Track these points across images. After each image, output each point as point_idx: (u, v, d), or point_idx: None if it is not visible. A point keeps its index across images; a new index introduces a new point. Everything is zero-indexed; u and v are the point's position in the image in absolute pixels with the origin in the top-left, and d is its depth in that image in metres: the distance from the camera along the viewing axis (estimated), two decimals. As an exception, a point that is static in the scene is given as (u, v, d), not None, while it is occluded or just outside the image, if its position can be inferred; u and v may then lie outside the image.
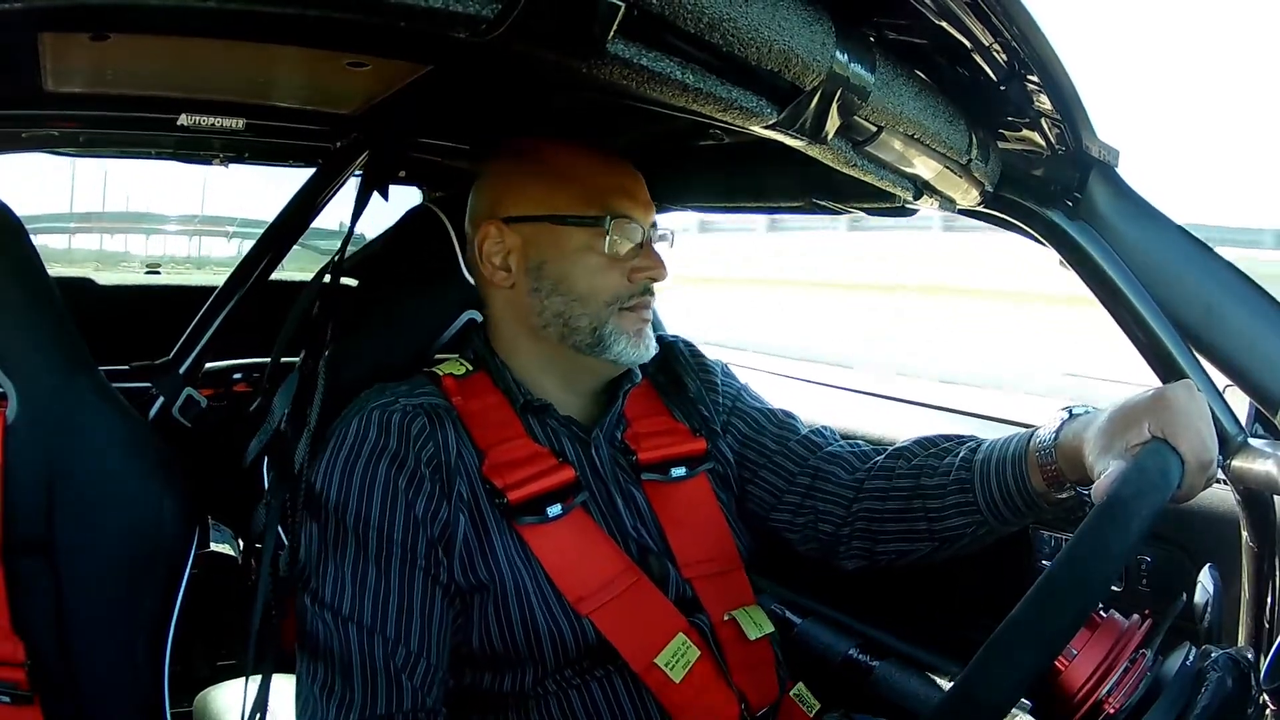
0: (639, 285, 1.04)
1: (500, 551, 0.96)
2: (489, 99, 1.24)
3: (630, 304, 1.03)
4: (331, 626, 0.91)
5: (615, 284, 1.03)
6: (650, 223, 1.06)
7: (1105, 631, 0.77)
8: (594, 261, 1.02)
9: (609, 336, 1.02)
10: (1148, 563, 1.23)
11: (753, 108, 0.76)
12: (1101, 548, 0.69)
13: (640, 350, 1.04)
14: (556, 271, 1.03)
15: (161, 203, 5.28)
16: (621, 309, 1.03)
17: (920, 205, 1.07)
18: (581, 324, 1.03)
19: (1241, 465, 0.97)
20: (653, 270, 1.04)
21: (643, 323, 1.04)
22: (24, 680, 1.02)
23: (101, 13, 0.90)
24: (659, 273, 1.04)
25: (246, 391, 1.68)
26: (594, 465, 1.05)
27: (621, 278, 1.03)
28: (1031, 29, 0.80)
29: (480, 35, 0.59)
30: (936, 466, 1.05)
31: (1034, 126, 0.98)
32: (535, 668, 0.96)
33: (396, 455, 0.94)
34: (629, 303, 1.03)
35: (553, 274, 1.03)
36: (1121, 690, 0.74)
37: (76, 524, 1.09)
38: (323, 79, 1.21)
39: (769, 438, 1.16)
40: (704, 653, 0.99)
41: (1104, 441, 0.85)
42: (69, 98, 1.22)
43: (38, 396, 1.09)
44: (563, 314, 1.03)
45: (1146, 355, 1.03)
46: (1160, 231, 1.04)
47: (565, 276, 1.03)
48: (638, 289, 1.04)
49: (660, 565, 1.02)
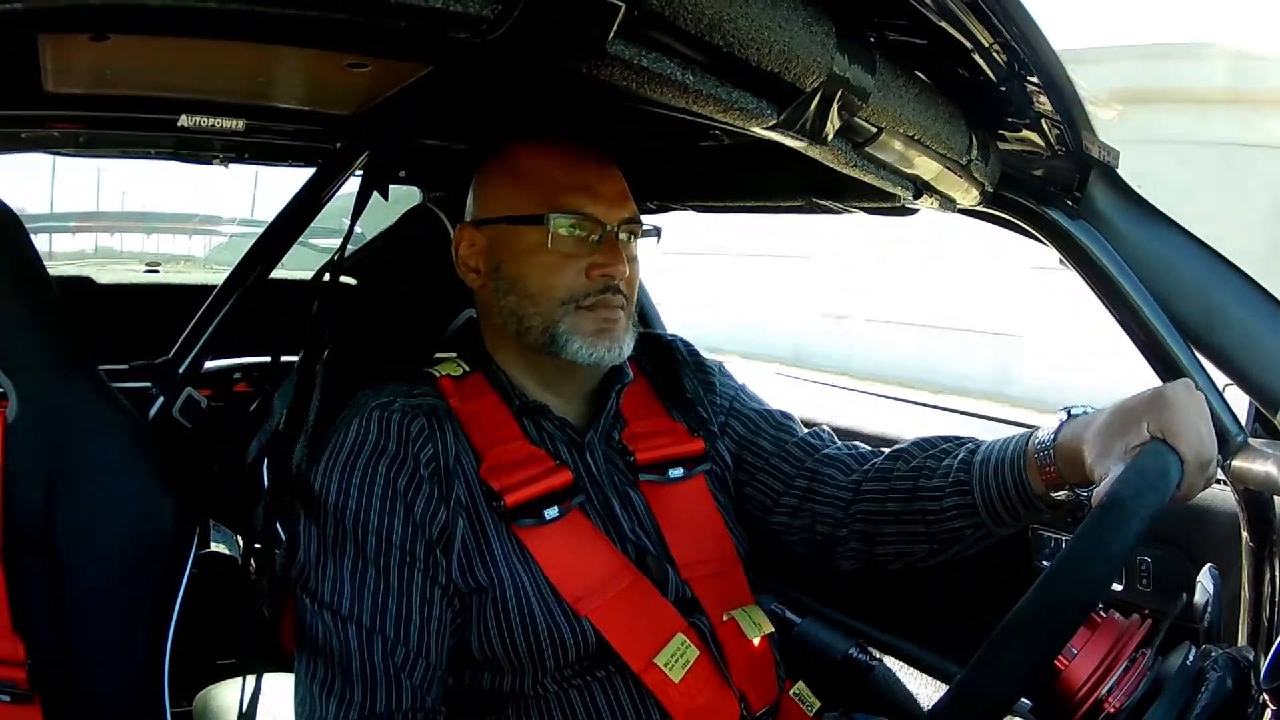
0: (597, 283, 1.01)
1: (499, 554, 0.96)
2: (489, 99, 1.24)
3: (588, 303, 1.01)
4: (331, 626, 0.91)
5: (569, 282, 1.00)
6: (620, 219, 1.03)
7: (1105, 631, 0.77)
8: (546, 260, 1.01)
9: (561, 336, 1.00)
10: (1148, 563, 1.23)
11: (753, 109, 0.76)
12: (1101, 548, 0.69)
13: (601, 351, 1.01)
14: (512, 271, 1.03)
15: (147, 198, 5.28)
16: (578, 308, 1.01)
17: (920, 205, 1.07)
18: (534, 323, 1.01)
19: (1241, 465, 0.97)
20: (608, 267, 1.00)
21: (605, 323, 1.01)
22: (24, 679, 1.02)
23: (101, 13, 0.90)
24: (615, 270, 1.01)
25: (246, 391, 1.69)
26: (589, 468, 1.05)
27: (577, 275, 1.01)
28: (1031, 29, 0.80)
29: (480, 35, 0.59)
30: (935, 468, 1.05)
31: (1034, 127, 0.98)
32: (535, 669, 0.95)
33: (396, 456, 0.94)
34: (585, 301, 1.01)
35: (508, 274, 1.03)
36: (1122, 690, 0.74)
37: (76, 524, 1.09)
38: (323, 79, 1.21)
39: (766, 440, 1.16)
40: (703, 653, 0.99)
41: (1103, 442, 0.85)
42: (69, 98, 1.21)
43: (38, 396, 1.09)
44: (516, 312, 1.03)
45: (1147, 355, 1.03)
46: (1161, 231, 1.04)
47: (519, 276, 1.02)
48: (595, 287, 1.01)
49: (658, 566, 1.02)
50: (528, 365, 1.06)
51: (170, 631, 1.14)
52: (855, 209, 1.24)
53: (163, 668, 1.14)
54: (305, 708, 0.92)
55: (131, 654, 1.12)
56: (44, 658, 1.05)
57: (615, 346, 1.03)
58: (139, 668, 1.12)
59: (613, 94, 0.90)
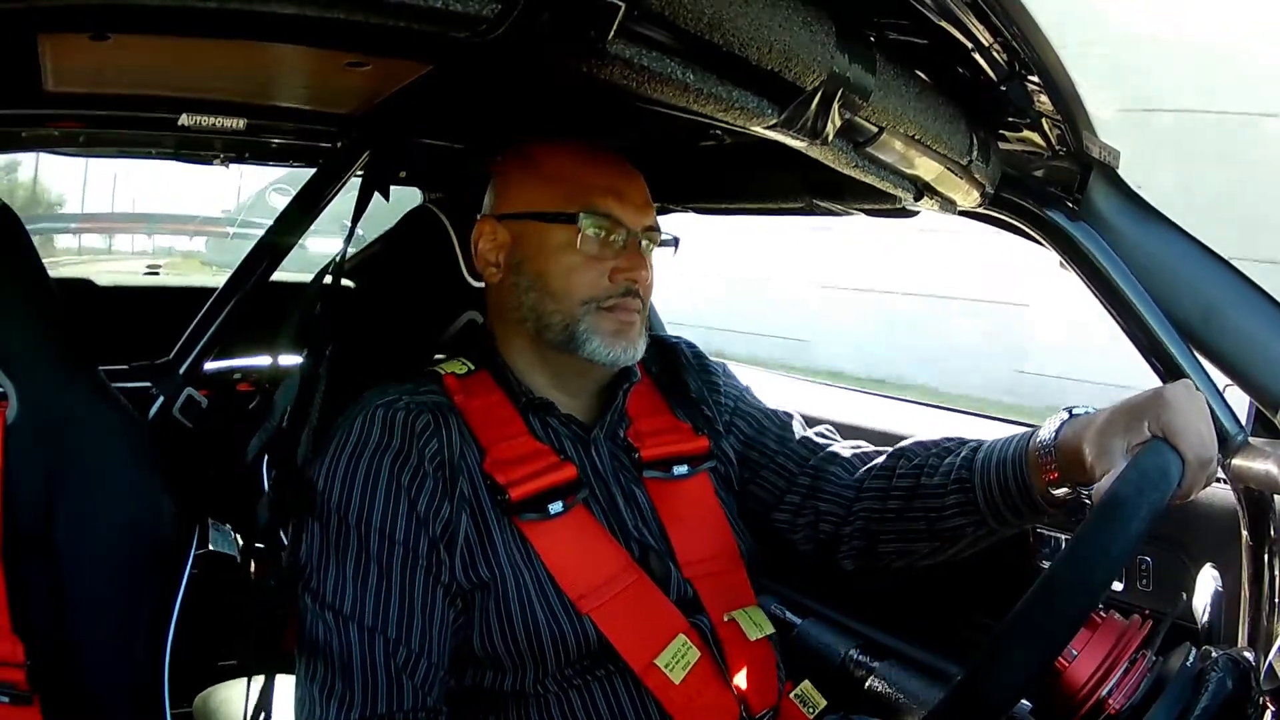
0: (619, 286, 1.02)
1: (501, 549, 0.96)
2: (489, 99, 1.24)
3: (608, 304, 1.02)
4: (332, 626, 0.91)
5: (592, 283, 1.02)
6: (644, 225, 1.05)
7: (1106, 631, 0.77)
8: (571, 259, 1.02)
9: (581, 335, 1.01)
10: (1148, 562, 1.23)
11: (753, 108, 0.76)
12: (1102, 547, 0.69)
13: (618, 351, 1.02)
14: (535, 268, 1.04)
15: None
16: (599, 309, 1.02)
17: (921, 206, 1.07)
18: (554, 320, 1.02)
19: (1241, 464, 0.97)
20: (631, 272, 1.02)
21: (623, 324, 1.02)
22: (23, 680, 1.02)
23: (101, 13, 0.90)
24: (638, 275, 1.02)
25: (246, 391, 1.69)
26: (594, 464, 1.05)
27: (600, 277, 1.02)
28: (1031, 29, 0.80)
29: (480, 35, 0.59)
30: (937, 467, 1.05)
31: (1034, 127, 0.98)
32: (536, 667, 0.95)
33: (400, 452, 0.94)
34: (606, 303, 1.02)
35: (531, 270, 1.04)
36: (1122, 690, 0.74)
37: (76, 524, 1.09)
38: (323, 79, 1.21)
39: (771, 438, 1.17)
40: (704, 654, 0.99)
41: (1104, 441, 0.85)
42: (69, 98, 1.21)
43: (38, 396, 1.09)
44: (536, 309, 1.03)
45: (1147, 355, 1.03)
46: (1161, 232, 1.04)
47: (543, 273, 1.03)
48: (617, 290, 1.02)
49: (661, 564, 1.02)
50: (539, 361, 1.06)
51: (170, 632, 1.14)
52: (855, 210, 1.24)
53: (163, 668, 1.13)
54: (305, 709, 0.91)
55: (131, 654, 1.11)
56: (43, 658, 1.05)
57: (631, 347, 1.04)
58: (139, 668, 1.12)
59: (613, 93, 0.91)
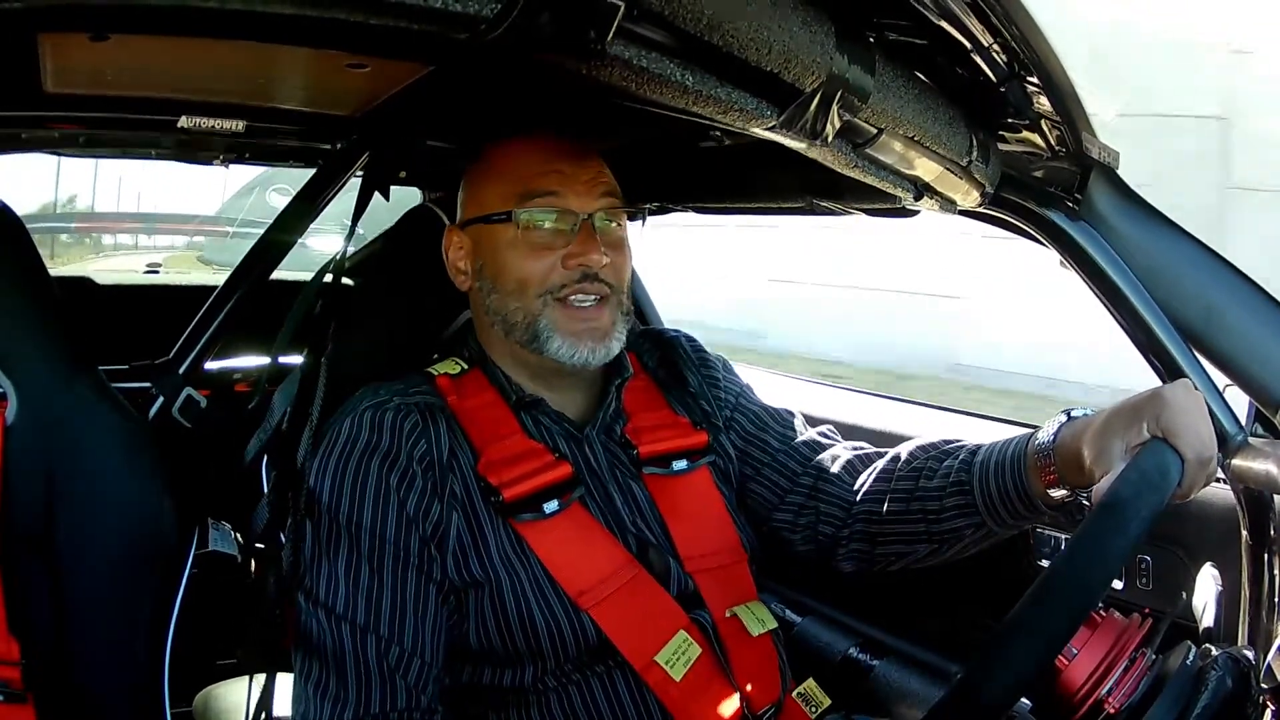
0: (574, 273, 1.01)
1: (494, 549, 0.96)
2: (490, 100, 1.24)
3: (562, 294, 1.00)
4: (325, 625, 0.91)
5: (544, 273, 1.01)
6: (595, 207, 1.03)
7: (1105, 630, 0.77)
8: (520, 253, 1.01)
9: (543, 332, 1.01)
10: (1147, 562, 1.23)
11: (753, 109, 0.76)
12: (1101, 547, 0.69)
13: (584, 353, 1.01)
14: (491, 270, 1.04)
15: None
16: (555, 300, 1.01)
17: (920, 206, 1.07)
18: (517, 319, 1.02)
19: (1241, 464, 0.97)
20: (583, 256, 1.00)
21: (583, 323, 1.01)
22: (18, 679, 1.02)
23: (101, 13, 0.90)
24: (590, 259, 1.00)
25: (246, 391, 1.68)
26: (589, 462, 1.05)
27: (553, 265, 1.01)
28: (1031, 29, 0.80)
29: (480, 36, 0.59)
30: (936, 469, 1.05)
31: (1034, 128, 0.98)
32: (535, 664, 0.96)
33: (389, 453, 0.94)
34: (561, 293, 1.01)
35: (489, 273, 1.04)
36: (1122, 689, 0.74)
37: (76, 524, 1.09)
38: (323, 80, 1.21)
39: (773, 436, 1.16)
40: (705, 650, 0.98)
41: (1103, 442, 0.85)
42: (69, 98, 1.21)
43: (38, 396, 1.09)
44: (500, 310, 1.03)
45: (1147, 355, 1.03)
46: (1161, 232, 1.04)
47: (498, 273, 1.03)
48: (572, 277, 1.01)
49: (661, 559, 1.02)
50: (518, 363, 1.06)
51: (170, 631, 1.14)
52: (855, 210, 1.24)
53: (162, 668, 1.13)
54: (300, 707, 0.92)
55: (131, 654, 1.11)
56: (40, 658, 1.05)
57: (600, 348, 1.02)
58: (139, 668, 1.12)
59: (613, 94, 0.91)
